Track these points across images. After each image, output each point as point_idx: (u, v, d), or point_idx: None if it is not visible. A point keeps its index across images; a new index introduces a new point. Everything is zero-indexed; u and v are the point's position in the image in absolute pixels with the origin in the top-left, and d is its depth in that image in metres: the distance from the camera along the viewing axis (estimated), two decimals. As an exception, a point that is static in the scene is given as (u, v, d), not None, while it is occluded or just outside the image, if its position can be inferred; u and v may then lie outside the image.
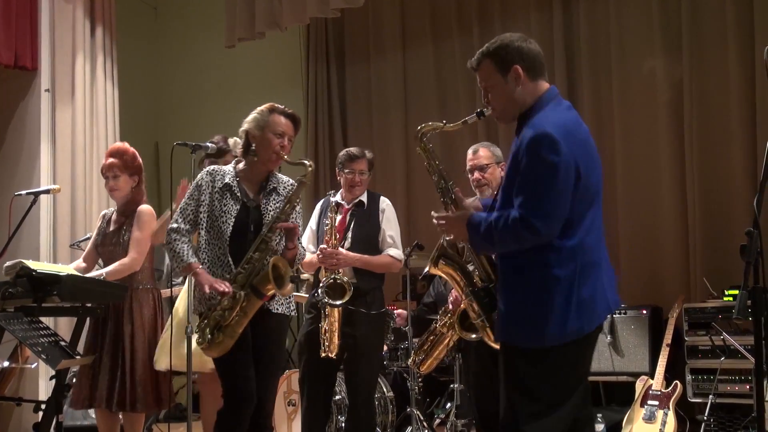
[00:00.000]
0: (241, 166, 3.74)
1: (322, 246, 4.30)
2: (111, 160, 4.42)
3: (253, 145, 3.66)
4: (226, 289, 3.45)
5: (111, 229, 4.43)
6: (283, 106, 3.72)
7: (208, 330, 3.49)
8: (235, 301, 3.45)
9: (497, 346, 2.91)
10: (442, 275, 3.17)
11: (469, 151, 4.30)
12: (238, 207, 3.62)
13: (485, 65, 2.87)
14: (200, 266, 3.55)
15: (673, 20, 6.22)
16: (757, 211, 2.66)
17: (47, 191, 4.81)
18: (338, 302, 4.20)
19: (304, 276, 5.26)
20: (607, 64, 6.49)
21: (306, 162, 3.70)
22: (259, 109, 3.71)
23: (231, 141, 4.53)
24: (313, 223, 4.58)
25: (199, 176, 3.72)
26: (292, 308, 3.77)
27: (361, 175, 4.49)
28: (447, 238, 3.07)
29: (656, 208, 6.25)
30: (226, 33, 7.37)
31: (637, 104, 6.36)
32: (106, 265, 4.39)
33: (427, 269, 3.41)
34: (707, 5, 6.09)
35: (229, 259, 3.56)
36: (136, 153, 4.51)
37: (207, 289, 3.45)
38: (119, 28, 7.50)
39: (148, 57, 9.07)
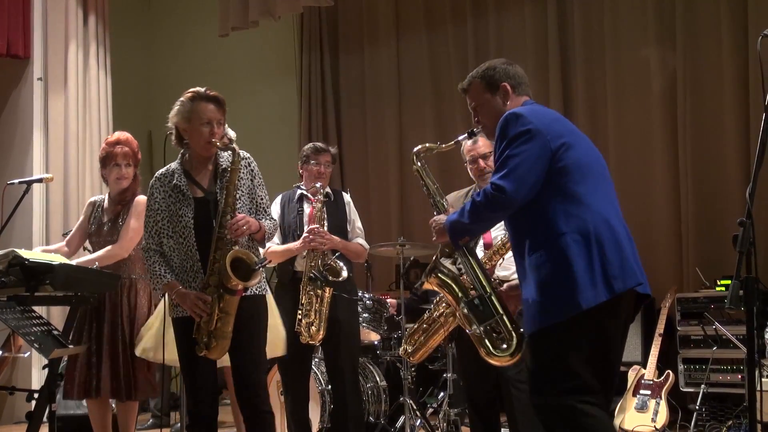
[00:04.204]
0: (185, 157, 3.68)
1: (313, 226, 4.36)
2: (125, 148, 4.39)
3: (185, 137, 3.63)
4: (204, 311, 3.43)
5: (105, 219, 4.41)
6: (203, 89, 3.65)
7: (203, 339, 3.49)
8: (211, 306, 3.43)
9: (492, 361, 3.01)
10: (436, 288, 3.21)
11: (468, 142, 4.29)
12: (193, 206, 3.54)
13: (475, 86, 3.07)
14: (179, 285, 3.51)
15: (667, 10, 6.22)
16: (749, 201, 2.67)
17: (40, 180, 4.77)
18: (343, 275, 4.26)
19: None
20: (601, 53, 6.49)
21: (235, 147, 3.58)
22: (180, 99, 3.64)
23: None
24: (275, 215, 4.54)
25: (149, 185, 3.66)
26: (263, 287, 3.72)
27: (327, 168, 4.61)
28: (438, 244, 3.15)
29: (649, 198, 6.26)
30: (220, 22, 7.35)
31: (631, 94, 6.36)
32: None
33: (420, 282, 3.42)
34: (701, -5, 6.09)
35: (199, 264, 3.51)
36: None
37: (189, 312, 3.46)
38: (112, 17, 7.48)
39: (141, 46, 9.04)
